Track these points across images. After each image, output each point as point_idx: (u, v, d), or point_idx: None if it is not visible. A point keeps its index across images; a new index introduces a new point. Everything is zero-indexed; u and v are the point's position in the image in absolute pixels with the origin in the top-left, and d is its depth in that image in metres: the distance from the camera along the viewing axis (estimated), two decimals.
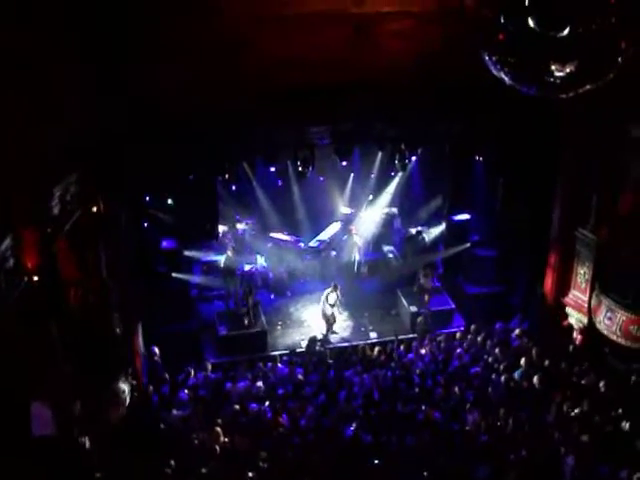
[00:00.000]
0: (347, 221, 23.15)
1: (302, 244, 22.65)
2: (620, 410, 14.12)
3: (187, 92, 14.23)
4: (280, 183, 20.88)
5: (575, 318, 17.67)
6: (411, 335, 19.15)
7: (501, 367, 16.17)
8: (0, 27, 9.16)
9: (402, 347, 17.80)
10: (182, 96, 14.26)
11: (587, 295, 17.10)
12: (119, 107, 13.47)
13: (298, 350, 18.36)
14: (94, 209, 13.71)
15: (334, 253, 22.51)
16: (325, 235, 22.92)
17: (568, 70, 6.82)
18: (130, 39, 12.52)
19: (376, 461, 12.90)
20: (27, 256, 10.26)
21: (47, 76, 10.56)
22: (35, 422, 10.20)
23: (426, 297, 19.82)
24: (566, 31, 6.49)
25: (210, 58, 13.51)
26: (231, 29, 13.05)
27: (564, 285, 18.05)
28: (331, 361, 17.34)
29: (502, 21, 6.84)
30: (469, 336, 18.04)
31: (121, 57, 12.77)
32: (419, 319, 19.31)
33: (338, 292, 19.70)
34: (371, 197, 23.44)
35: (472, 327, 18.39)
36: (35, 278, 10.35)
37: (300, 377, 16.24)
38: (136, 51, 12.76)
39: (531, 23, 6.58)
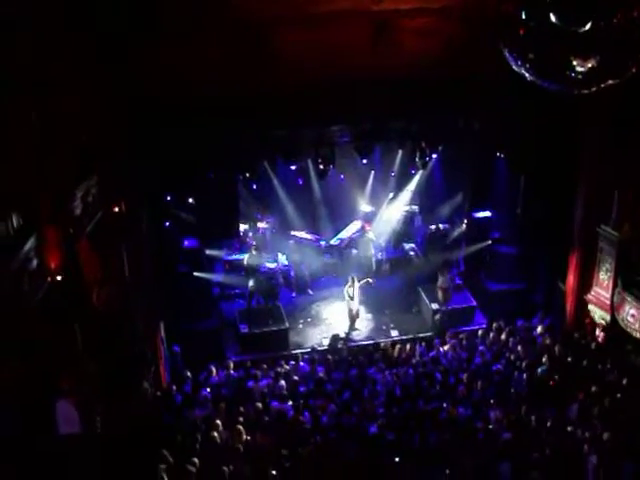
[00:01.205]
0: (367, 219, 23.12)
1: (323, 242, 22.67)
2: None
3: (206, 91, 14.30)
4: (301, 181, 20.82)
5: (598, 315, 17.55)
6: (432, 333, 19.17)
7: (523, 364, 16.11)
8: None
9: (424, 344, 17.81)
10: (203, 98, 14.37)
11: (610, 292, 16.97)
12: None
13: (320, 348, 18.38)
14: (116, 209, 13.76)
15: (355, 251, 22.47)
16: (346, 233, 22.88)
17: (590, 65, 6.79)
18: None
19: (397, 459, 12.89)
20: (50, 256, 10.30)
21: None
22: (61, 420, 10.29)
23: (446, 295, 19.72)
24: (588, 26, 6.47)
25: (230, 56, 13.55)
26: (250, 28, 13.06)
27: (586, 282, 17.96)
28: (353, 359, 17.32)
29: (523, 17, 6.83)
30: (491, 333, 18.00)
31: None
32: (435, 317, 19.31)
33: (356, 284, 19.70)
34: (392, 195, 23.37)
35: (494, 324, 18.36)
36: (58, 278, 10.40)
37: (322, 375, 16.26)
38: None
39: (553, 18, 6.56)
